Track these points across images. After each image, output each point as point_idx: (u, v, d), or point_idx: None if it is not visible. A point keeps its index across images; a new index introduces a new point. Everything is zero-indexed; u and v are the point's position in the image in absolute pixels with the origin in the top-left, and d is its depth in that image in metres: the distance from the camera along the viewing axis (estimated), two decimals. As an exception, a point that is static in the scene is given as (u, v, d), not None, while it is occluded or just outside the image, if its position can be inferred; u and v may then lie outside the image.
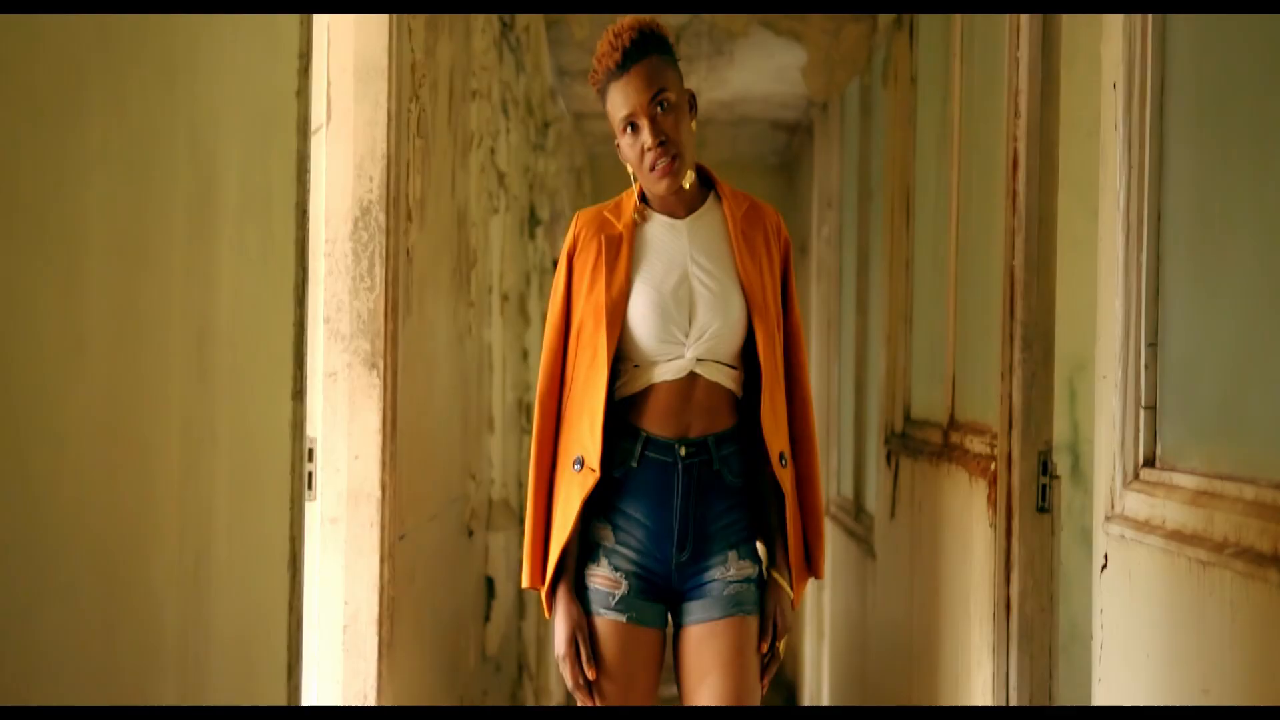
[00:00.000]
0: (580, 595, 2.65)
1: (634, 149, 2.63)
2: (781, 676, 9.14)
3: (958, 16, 3.96)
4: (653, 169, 2.63)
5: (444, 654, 3.95)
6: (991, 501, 3.25)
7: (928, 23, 4.48)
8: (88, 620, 1.53)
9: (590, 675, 2.61)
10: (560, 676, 7.12)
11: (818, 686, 7.02)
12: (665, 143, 2.61)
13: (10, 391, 1.35)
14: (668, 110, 2.61)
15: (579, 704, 2.69)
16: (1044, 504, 3.12)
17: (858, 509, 5.87)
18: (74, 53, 1.49)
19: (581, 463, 2.60)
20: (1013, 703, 3.12)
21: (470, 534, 4.32)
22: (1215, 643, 1.89)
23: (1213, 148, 2.12)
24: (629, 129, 2.63)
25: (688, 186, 2.68)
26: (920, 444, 4.24)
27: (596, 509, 2.67)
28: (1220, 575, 1.87)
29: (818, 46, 5.13)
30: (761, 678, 2.66)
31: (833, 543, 6.60)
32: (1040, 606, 3.14)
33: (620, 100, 2.63)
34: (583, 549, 2.66)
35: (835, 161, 6.84)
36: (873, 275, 5.63)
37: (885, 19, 4.99)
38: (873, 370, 5.51)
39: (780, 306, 2.74)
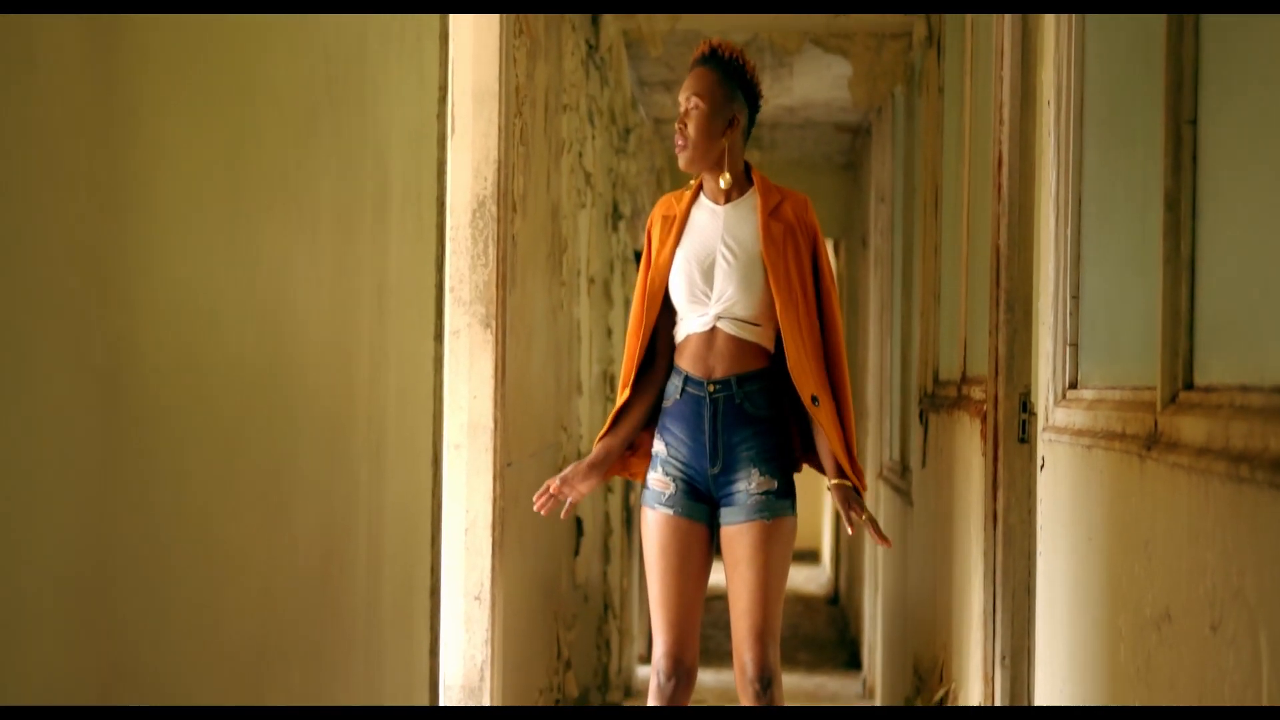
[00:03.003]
0: (645, 494, 3.47)
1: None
2: (846, 637, 9.89)
3: (969, 36, 4.71)
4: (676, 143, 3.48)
5: (541, 573, 4.76)
6: (984, 436, 4.00)
7: (951, 40, 5.23)
8: (323, 458, 2.35)
9: (554, 489, 3.38)
10: (643, 622, 7.88)
11: (874, 637, 7.76)
12: (682, 130, 3.43)
13: (281, 312, 2.17)
14: (695, 114, 3.44)
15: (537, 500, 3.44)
16: (1024, 436, 3.87)
17: (903, 468, 6.61)
18: (312, 91, 2.31)
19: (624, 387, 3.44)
20: (998, 595, 3.87)
21: (562, 476, 5.14)
22: (1095, 502, 2.65)
23: (1110, 147, 2.88)
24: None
25: (723, 186, 3.48)
26: (943, 399, 5.00)
27: (660, 429, 3.48)
28: (1096, 453, 2.63)
29: (861, 61, 5.88)
30: (878, 532, 3.38)
31: (884, 503, 7.35)
32: (1021, 518, 3.88)
33: (683, 86, 3.48)
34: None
35: (887, 160, 7.59)
36: (914, 262, 6.37)
37: (919, 36, 5.74)
38: (914, 344, 6.25)
39: (810, 277, 3.52)
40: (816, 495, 11.62)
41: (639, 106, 7.89)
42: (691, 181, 3.59)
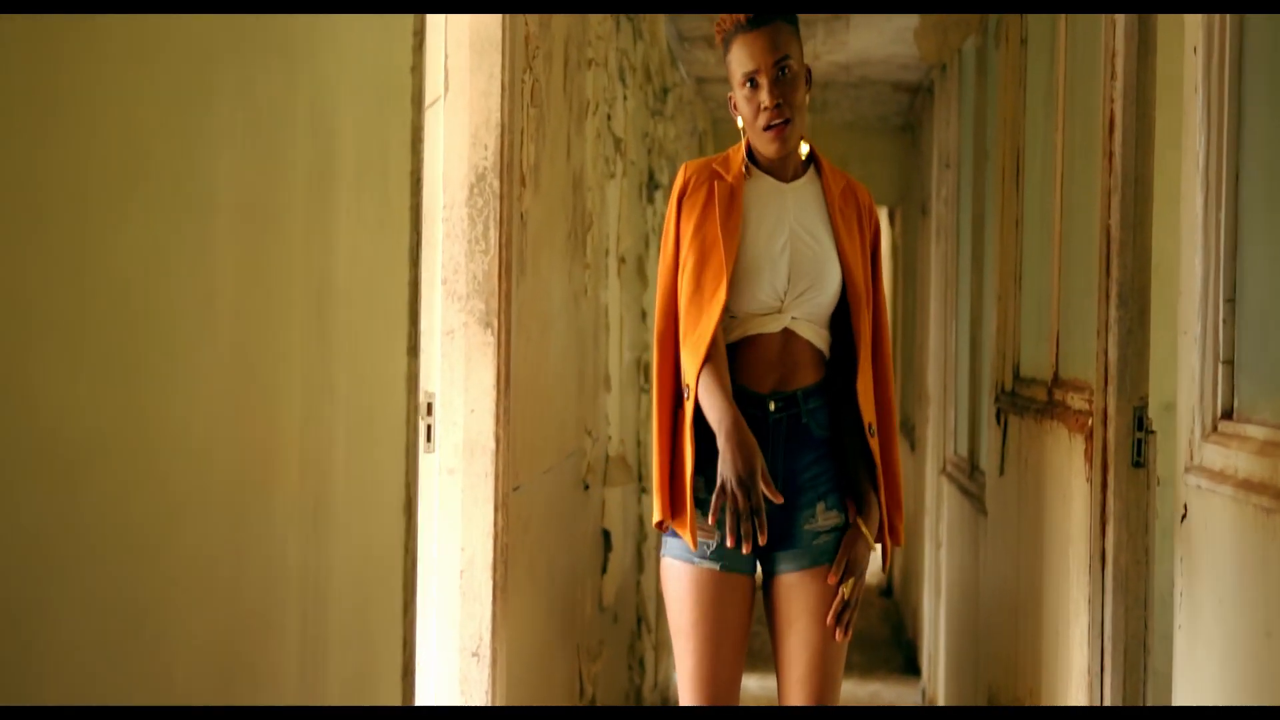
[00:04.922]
0: (672, 544, 2.79)
1: (750, 105, 2.76)
2: (902, 636, 9.22)
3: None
4: (766, 128, 2.76)
5: (560, 602, 4.11)
6: (1088, 457, 3.32)
7: (1037, -16, 4.51)
8: (218, 543, 1.70)
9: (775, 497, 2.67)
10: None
11: (935, 645, 7.09)
12: (781, 106, 2.74)
13: (146, 340, 1.52)
14: (788, 76, 2.74)
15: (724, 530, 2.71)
16: (1139, 459, 3.18)
17: (972, 467, 5.93)
18: (206, 41, 1.65)
19: (689, 390, 2.71)
20: (1107, 652, 3.19)
21: (586, 488, 4.48)
22: (1277, 587, 1.97)
23: (1287, 109, 2.18)
24: (748, 85, 2.75)
25: (803, 155, 2.80)
26: (1027, 401, 4.31)
27: (699, 461, 2.79)
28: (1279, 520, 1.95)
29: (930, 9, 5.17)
30: (841, 625, 2.76)
31: (948, 501, 6.67)
32: (1135, 559, 3.20)
33: (745, 55, 2.75)
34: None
35: (953, 122, 6.87)
36: (987, 235, 5.67)
37: (997, -19, 5.02)
38: (986, 330, 5.56)
39: (870, 283, 2.86)
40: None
41: (678, 64, 7.19)
42: (730, 150, 2.90)
